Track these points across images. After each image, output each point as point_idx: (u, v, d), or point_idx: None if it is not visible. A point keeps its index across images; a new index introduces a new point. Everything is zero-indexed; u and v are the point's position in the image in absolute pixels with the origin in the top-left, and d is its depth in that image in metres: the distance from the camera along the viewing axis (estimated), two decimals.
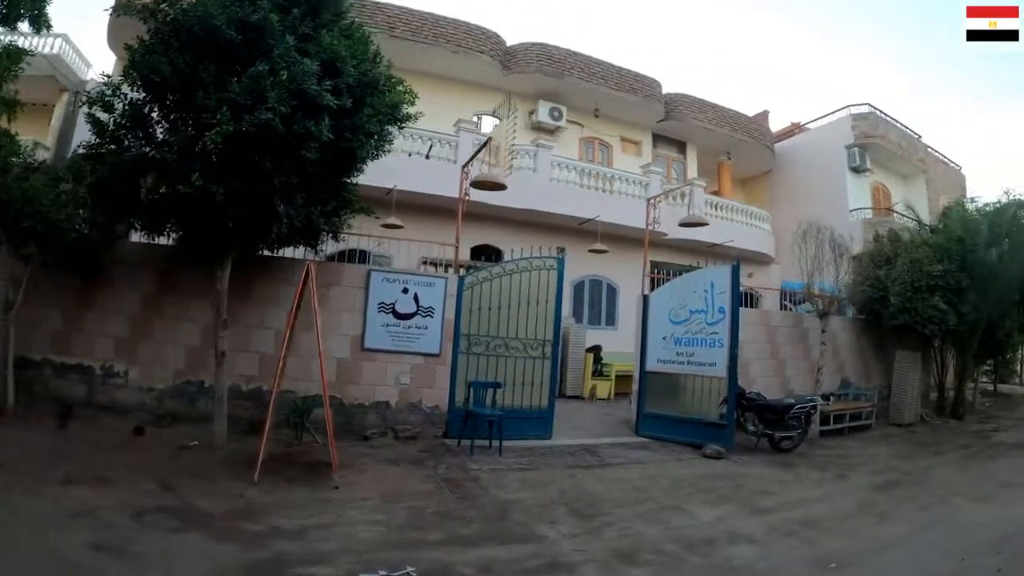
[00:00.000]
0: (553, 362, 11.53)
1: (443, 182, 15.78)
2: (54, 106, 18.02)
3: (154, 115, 8.56)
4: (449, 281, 11.40)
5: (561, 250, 18.62)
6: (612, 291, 20.52)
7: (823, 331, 14.36)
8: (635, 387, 12.95)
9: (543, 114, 20.74)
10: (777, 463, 10.69)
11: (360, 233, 11.48)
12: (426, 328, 11.20)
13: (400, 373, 11.05)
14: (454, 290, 11.29)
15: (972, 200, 19.30)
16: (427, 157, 17.10)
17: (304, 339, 9.67)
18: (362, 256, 13.94)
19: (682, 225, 13.45)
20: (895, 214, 24.31)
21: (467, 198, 12.04)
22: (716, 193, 24.81)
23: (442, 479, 8.27)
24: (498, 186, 11.64)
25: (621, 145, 23.21)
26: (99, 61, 54.97)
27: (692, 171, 24.66)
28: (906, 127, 28.17)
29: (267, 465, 7.67)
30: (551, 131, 21.05)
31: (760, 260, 23.57)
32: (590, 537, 6.44)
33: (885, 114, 26.82)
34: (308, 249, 10.44)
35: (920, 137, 29.14)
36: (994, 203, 17.86)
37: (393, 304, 11.09)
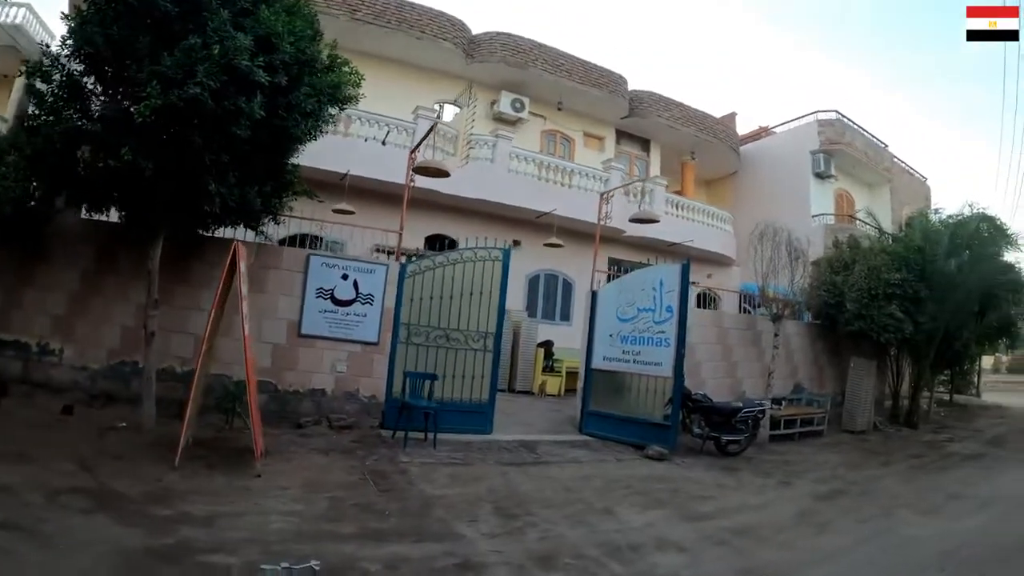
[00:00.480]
0: (495, 355, 11.10)
1: (399, 169, 15.23)
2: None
3: (91, 87, 8.26)
4: (390, 268, 10.98)
5: (516, 243, 18.47)
6: (567, 286, 20.13)
7: (776, 335, 14.05)
8: (580, 384, 12.58)
9: (505, 105, 20.28)
10: (720, 467, 10.33)
11: (303, 216, 11.19)
12: (365, 316, 10.79)
13: (337, 361, 10.66)
14: (395, 278, 10.88)
15: (936, 211, 19.31)
16: (383, 143, 16.63)
17: (238, 322, 9.18)
18: (314, 242, 13.61)
19: (633, 221, 13.04)
20: (857, 221, 24.18)
21: (413, 184, 11.57)
22: (679, 193, 24.49)
23: (369, 471, 7.92)
24: (441, 172, 11.13)
25: (584, 140, 22.79)
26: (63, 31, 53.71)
27: (655, 169, 24.30)
28: (873, 135, 28.19)
29: (192, 450, 7.52)
30: (512, 122, 20.61)
31: (721, 262, 23.32)
32: (510, 538, 6.06)
33: (852, 121, 26.78)
34: (255, 233, 10.17)
35: (887, 146, 29.22)
36: (957, 215, 17.79)
37: (332, 290, 10.69)
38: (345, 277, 10.77)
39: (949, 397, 25.11)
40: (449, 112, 20.21)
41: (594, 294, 12.50)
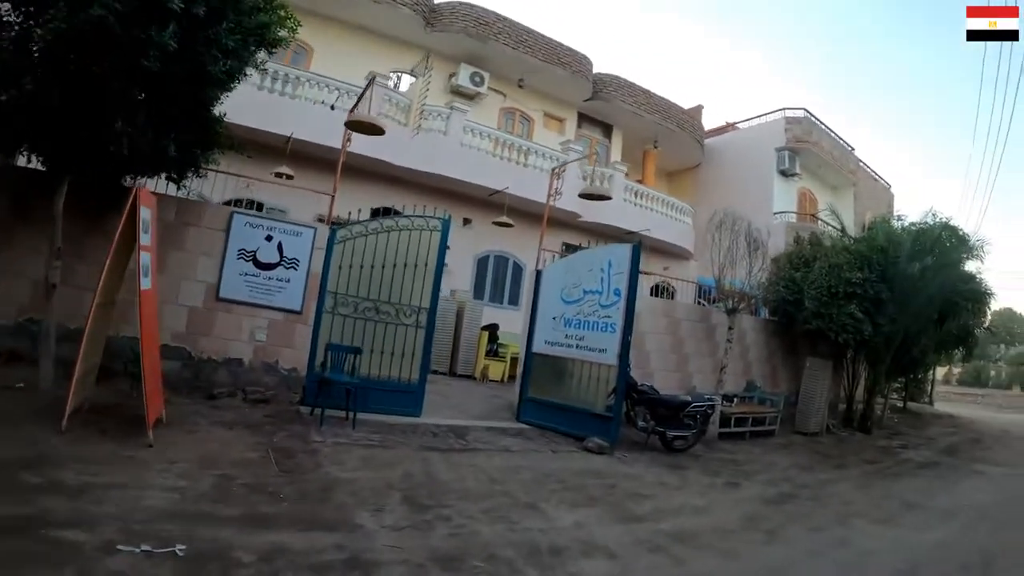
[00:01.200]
0: (428, 333, 10.22)
1: (353, 139, 14.68)
2: None
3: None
4: (319, 232, 10.24)
5: (467, 221, 17.78)
6: (518, 269, 19.40)
7: (731, 328, 13.36)
8: (520, 369, 11.78)
9: (463, 78, 19.42)
10: (664, 464, 9.60)
11: (230, 172, 10.58)
12: (288, 281, 10.14)
13: (256, 328, 10.03)
14: (324, 243, 10.02)
15: (898, 218, 18.81)
16: (332, 108, 15.65)
17: (158, 282, 8.44)
18: (255, 208, 12.80)
19: (583, 196, 12.20)
20: (820, 221, 23.67)
21: (349, 144, 10.92)
22: (640, 182, 23.75)
23: (274, 449, 7.17)
24: (375, 129, 10.16)
25: (544, 120, 21.97)
26: None
27: (616, 156, 23.53)
28: (840, 137, 27.86)
29: (87, 415, 7.03)
30: (471, 97, 19.77)
31: (678, 254, 22.70)
32: (415, 532, 5.25)
33: (820, 121, 26.41)
34: (176, 186, 9.59)
35: (853, 150, 28.93)
36: (920, 223, 17.20)
37: (255, 252, 10.04)
38: (269, 239, 10.07)
39: (903, 404, 24.71)
40: (407, 83, 19.35)
41: (539, 273, 11.70)
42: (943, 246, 16.50)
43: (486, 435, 9.58)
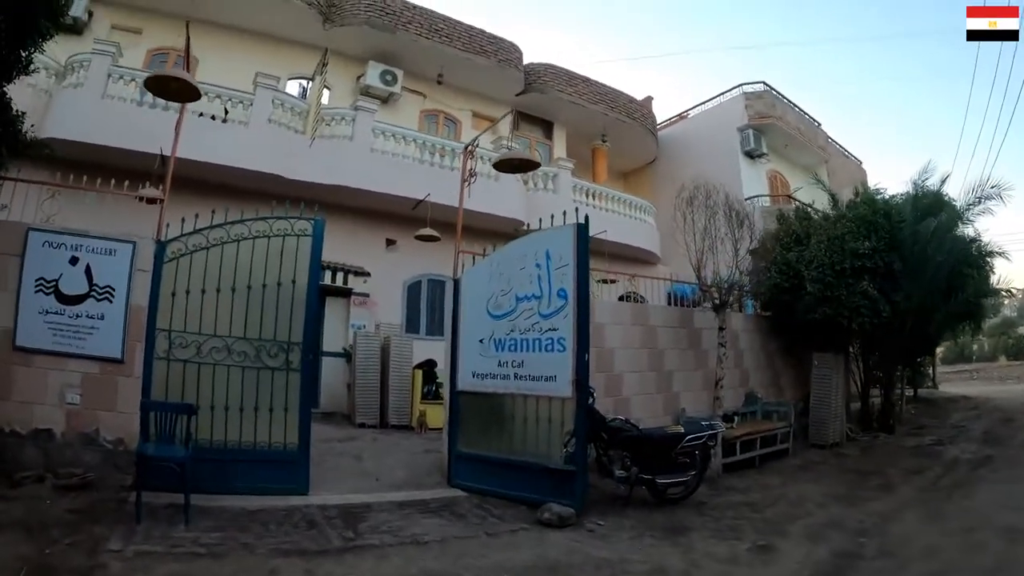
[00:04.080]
0: (304, 375, 7.29)
1: (233, 150, 12.76)
2: None
3: None
4: (140, 248, 7.35)
5: (391, 242, 14.86)
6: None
7: (722, 329, 10.61)
8: (445, 414, 8.72)
9: (373, 77, 16.72)
10: (659, 528, 6.80)
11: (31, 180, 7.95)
12: (102, 318, 7.22)
13: (66, 387, 7.10)
14: (149, 263, 7.23)
15: (878, 191, 16.02)
16: (224, 120, 13.35)
17: None
18: None
19: (499, 167, 9.18)
20: (795, 202, 21.09)
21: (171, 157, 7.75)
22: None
23: (37, 567, 4.71)
24: (191, 91, 7.09)
25: (472, 121, 19.07)
26: None
27: (560, 154, 20.67)
28: (805, 112, 25.48)
29: None
30: (384, 99, 17.04)
31: (644, 259, 19.63)
32: None
33: (782, 95, 24.00)
34: None
35: (819, 125, 26.68)
36: (903, 194, 14.67)
37: (56, 281, 7.17)
38: (74, 261, 7.22)
39: (913, 392, 21.98)
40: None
41: (456, 284, 8.79)
42: (947, 205, 14.11)
43: (394, 517, 6.57)
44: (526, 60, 19.46)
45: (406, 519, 6.53)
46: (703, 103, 24.89)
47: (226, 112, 13.37)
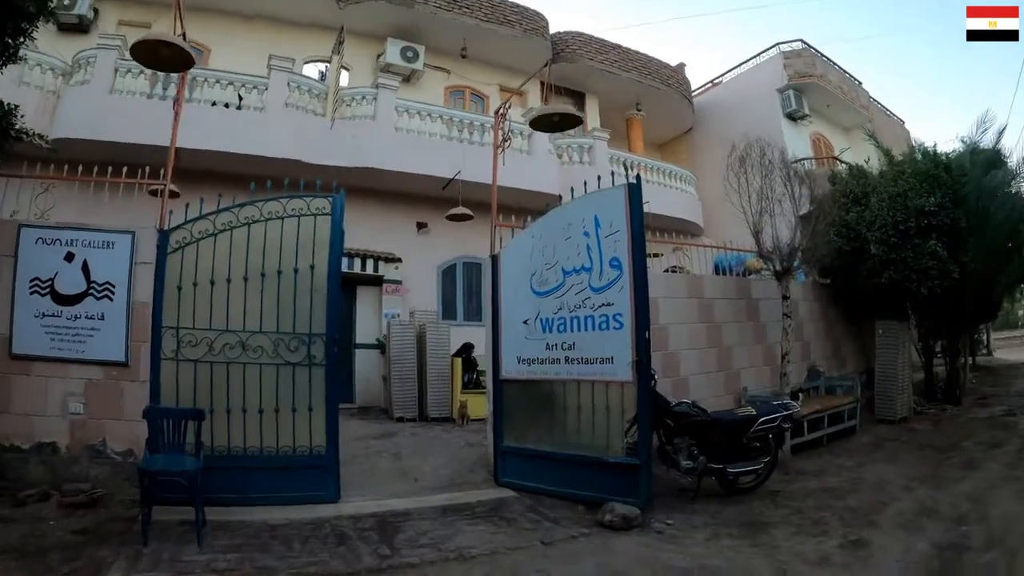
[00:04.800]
0: (328, 369, 6.55)
1: (250, 137, 12.24)
2: None
3: None
4: (141, 239, 6.74)
5: (422, 225, 14.18)
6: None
7: (786, 298, 9.74)
8: (489, 406, 7.93)
9: (393, 55, 15.98)
10: (735, 525, 6.02)
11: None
12: (102, 318, 6.63)
13: (69, 396, 6.54)
14: (151, 255, 6.55)
15: (925, 148, 14.70)
16: (239, 107, 12.76)
17: None
18: None
19: (535, 124, 8.27)
20: (842, 164, 20.05)
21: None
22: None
23: None
24: (184, 58, 6.30)
25: (500, 96, 18.08)
26: None
27: (594, 126, 19.72)
28: (844, 70, 24.21)
29: None
30: (406, 77, 16.33)
31: (686, 230, 18.69)
32: None
33: (820, 53, 22.73)
34: None
35: (860, 83, 25.28)
36: (954, 151, 13.51)
37: (52, 280, 6.62)
38: (70, 258, 6.62)
39: (972, 359, 20.84)
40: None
41: (495, 261, 7.99)
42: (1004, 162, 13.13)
43: (436, 526, 5.83)
44: (552, 29, 18.56)
45: (450, 527, 5.79)
46: (738, 66, 23.67)
47: (240, 99, 12.77)
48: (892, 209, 11.44)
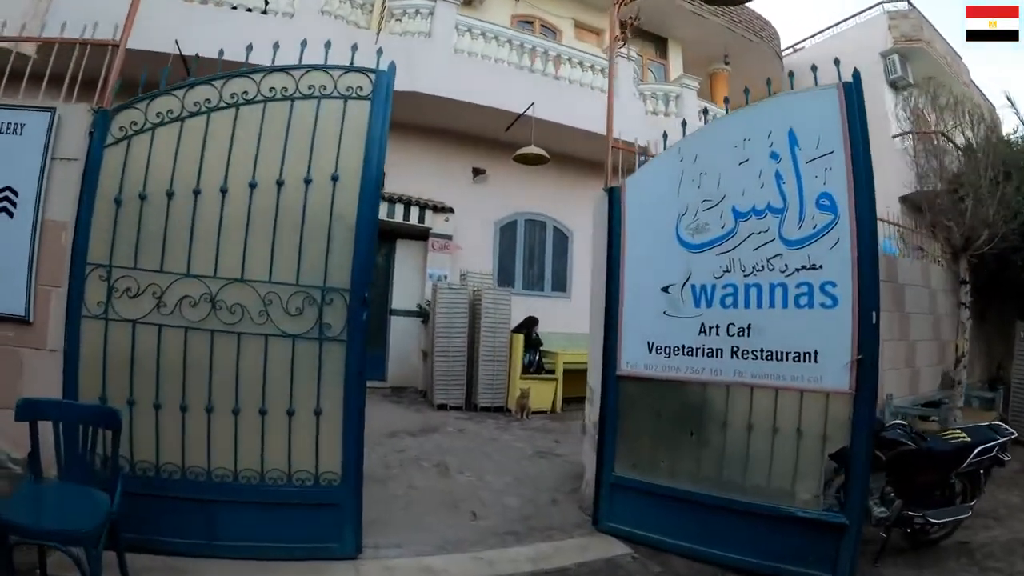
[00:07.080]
0: (352, 347, 4.14)
1: (276, 49, 9.64)
2: None
3: None
4: (64, 120, 4.18)
5: (479, 171, 12.09)
6: (562, 239, 13.51)
7: (964, 283, 7.49)
8: (590, 413, 5.41)
9: None
10: None
11: None
12: None
13: None
14: (80, 147, 4.14)
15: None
16: (264, 12, 10.63)
17: None
18: None
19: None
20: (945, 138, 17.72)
21: None
22: None
23: None
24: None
25: (575, 32, 15.90)
26: None
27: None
28: (946, 40, 21.61)
29: None
30: (468, 1, 13.84)
31: None
32: None
33: (925, 17, 20.25)
34: None
35: (961, 58, 22.56)
36: None
37: None
38: None
39: None
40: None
41: (611, 193, 5.45)
42: None
43: None
44: None
45: None
46: (834, 25, 21.34)
47: (266, 2, 10.52)
48: None
